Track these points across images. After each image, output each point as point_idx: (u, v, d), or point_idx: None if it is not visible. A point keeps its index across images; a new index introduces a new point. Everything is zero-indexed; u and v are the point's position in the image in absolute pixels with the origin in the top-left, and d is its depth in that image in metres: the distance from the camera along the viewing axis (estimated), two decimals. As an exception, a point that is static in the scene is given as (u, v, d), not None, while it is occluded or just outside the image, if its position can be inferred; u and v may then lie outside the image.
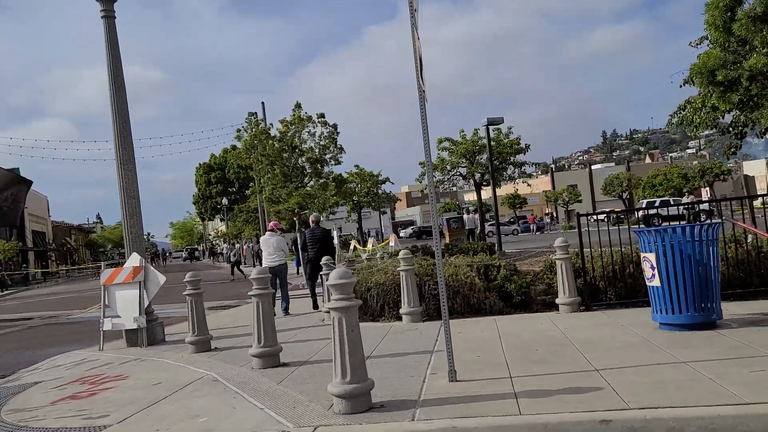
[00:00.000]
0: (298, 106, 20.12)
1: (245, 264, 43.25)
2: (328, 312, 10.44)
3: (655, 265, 6.52)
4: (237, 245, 30.14)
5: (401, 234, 63.00)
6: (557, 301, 8.61)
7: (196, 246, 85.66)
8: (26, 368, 8.80)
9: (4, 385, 7.68)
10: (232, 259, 28.30)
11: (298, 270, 17.59)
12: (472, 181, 21.44)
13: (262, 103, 30.97)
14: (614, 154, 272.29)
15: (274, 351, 6.66)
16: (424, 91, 5.22)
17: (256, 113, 21.84)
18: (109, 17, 9.56)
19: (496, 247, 17.67)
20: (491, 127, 20.08)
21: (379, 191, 35.90)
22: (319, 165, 19.74)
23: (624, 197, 59.28)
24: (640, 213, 41.31)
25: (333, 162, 20.12)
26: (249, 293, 6.74)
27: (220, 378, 6.33)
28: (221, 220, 69.51)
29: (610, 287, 8.72)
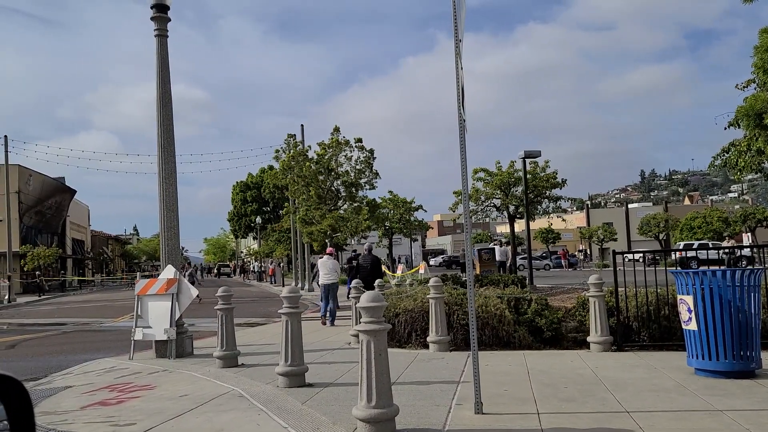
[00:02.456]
0: (337, 129, 20.36)
1: (275, 283, 43.60)
2: (356, 335, 10.45)
3: (692, 308, 6.35)
4: (191, 268, 29.45)
5: (431, 262, 62.65)
6: (589, 339, 8.43)
7: (227, 263, 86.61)
8: (58, 372, 8.98)
9: (36, 388, 7.85)
10: (187, 279, 27.39)
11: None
12: (505, 212, 21.32)
13: (302, 125, 31.48)
14: (652, 194, 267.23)
15: (300, 371, 6.67)
16: (464, 120, 5.26)
17: (294, 135, 22.22)
18: (162, 36, 9.92)
19: (527, 281, 17.43)
20: (528, 160, 20.00)
21: (412, 218, 35.88)
22: (353, 189, 19.88)
23: (661, 238, 57.98)
24: (677, 255, 40.57)
25: (368, 187, 20.22)
26: (279, 311, 6.79)
27: (245, 394, 6.36)
28: (254, 238, 70.30)
29: (643, 328, 8.51)
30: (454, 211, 22.77)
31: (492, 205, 21.61)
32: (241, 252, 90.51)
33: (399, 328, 9.48)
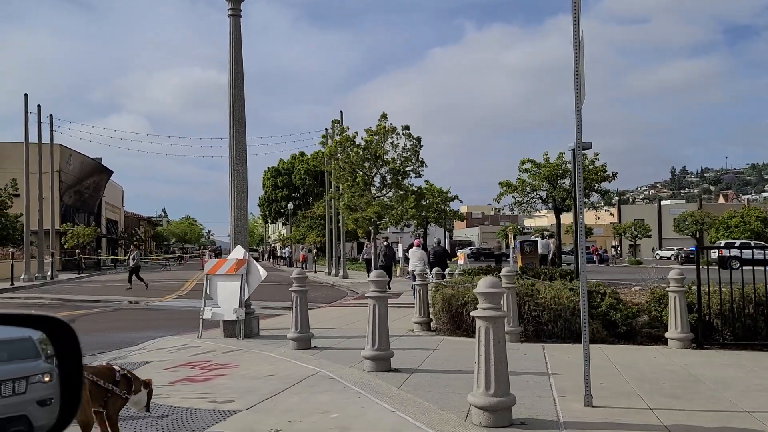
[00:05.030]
0: (384, 116, 20.28)
1: (305, 269, 43.78)
2: (419, 323, 10.39)
3: (798, 307, 6.13)
4: (136, 251, 25.97)
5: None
6: (667, 335, 8.24)
7: (255, 248, 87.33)
8: (130, 348, 9.07)
9: (116, 362, 7.94)
10: (131, 263, 24.25)
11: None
12: (552, 205, 21.03)
13: (341, 112, 31.40)
14: (682, 191, 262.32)
15: (386, 355, 6.61)
16: (579, 97, 5.11)
17: (339, 121, 22.17)
18: (235, 15, 9.88)
19: (574, 275, 17.17)
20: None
21: (447, 208, 35.70)
22: (399, 176, 19.79)
23: (697, 236, 56.87)
24: (718, 254, 39.97)
25: (414, 175, 20.11)
26: (366, 295, 6.74)
27: (335, 376, 6.32)
28: (283, 224, 70.75)
29: (725, 326, 8.28)
30: (498, 202, 22.55)
31: (538, 197, 21.33)
32: (269, 237, 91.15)
33: (467, 317, 9.36)
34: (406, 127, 20.10)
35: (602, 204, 21.20)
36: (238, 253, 9.55)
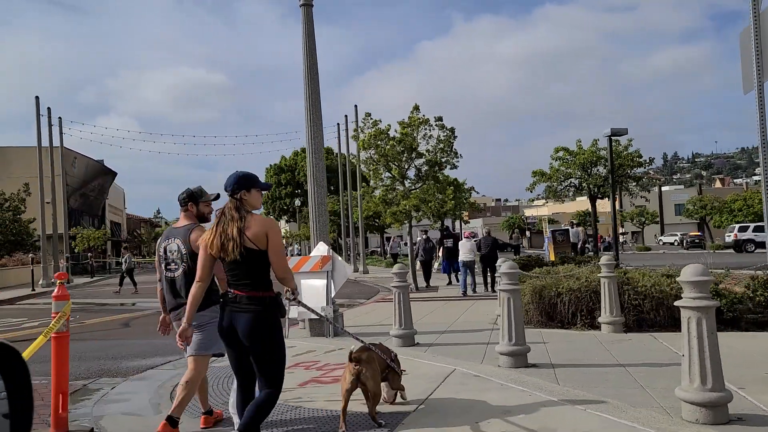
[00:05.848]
0: (416, 108, 20.00)
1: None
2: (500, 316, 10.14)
3: None
4: (128, 253, 24.66)
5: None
6: (779, 320, 8.05)
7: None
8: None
9: (217, 365, 7.65)
10: (124, 266, 23.65)
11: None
12: (586, 192, 20.87)
13: (355, 106, 31.04)
14: (674, 176, 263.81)
15: (524, 350, 6.35)
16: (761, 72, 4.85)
17: (370, 114, 21.81)
18: (307, 5, 9.56)
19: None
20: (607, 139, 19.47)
21: (465, 200, 35.40)
22: (436, 168, 19.53)
23: (707, 221, 57.10)
24: (733, 237, 40.32)
25: (449, 166, 19.84)
26: (499, 288, 6.47)
27: (478, 373, 6.05)
28: (286, 221, 70.27)
29: (839, 309, 8.09)
30: (531, 191, 22.44)
31: (571, 185, 21.16)
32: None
33: (562, 308, 9.14)
34: (439, 118, 19.80)
35: (643, 188, 21.05)
36: (322, 249, 9.25)
